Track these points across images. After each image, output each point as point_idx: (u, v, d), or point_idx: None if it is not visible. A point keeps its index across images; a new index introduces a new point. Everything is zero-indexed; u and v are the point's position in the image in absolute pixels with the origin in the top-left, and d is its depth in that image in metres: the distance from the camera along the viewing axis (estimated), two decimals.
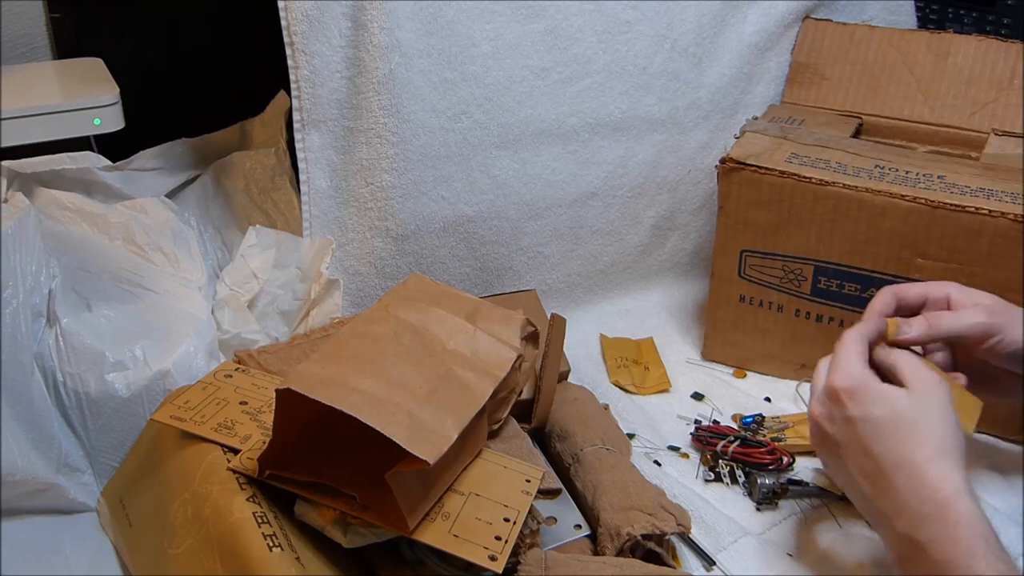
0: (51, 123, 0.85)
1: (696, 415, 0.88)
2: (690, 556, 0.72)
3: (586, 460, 0.75)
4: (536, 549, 0.64)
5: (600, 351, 0.98)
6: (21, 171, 0.89)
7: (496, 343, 0.70)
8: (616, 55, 0.97)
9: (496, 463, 0.67)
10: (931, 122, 1.00)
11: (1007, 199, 0.80)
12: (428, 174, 0.90)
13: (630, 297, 1.07)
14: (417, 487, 0.59)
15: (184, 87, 1.13)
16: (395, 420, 0.58)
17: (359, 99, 0.88)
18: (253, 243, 0.91)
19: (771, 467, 0.79)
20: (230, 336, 0.85)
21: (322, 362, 0.62)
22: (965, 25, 1.12)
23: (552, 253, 1.00)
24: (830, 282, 0.88)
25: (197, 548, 0.61)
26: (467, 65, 0.90)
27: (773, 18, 1.05)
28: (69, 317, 0.76)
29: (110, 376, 0.75)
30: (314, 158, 0.90)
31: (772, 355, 0.94)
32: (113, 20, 1.07)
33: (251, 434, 0.67)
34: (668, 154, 1.03)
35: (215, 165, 1.07)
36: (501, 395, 0.72)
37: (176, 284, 0.86)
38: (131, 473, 0.75)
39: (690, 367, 0.97)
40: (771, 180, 0.87)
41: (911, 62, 1.02)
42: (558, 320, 0.78)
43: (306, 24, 0.85)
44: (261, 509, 0.61)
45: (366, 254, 0.91)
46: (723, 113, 1.05)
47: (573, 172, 0.98)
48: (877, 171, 0.86)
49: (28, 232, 0.74)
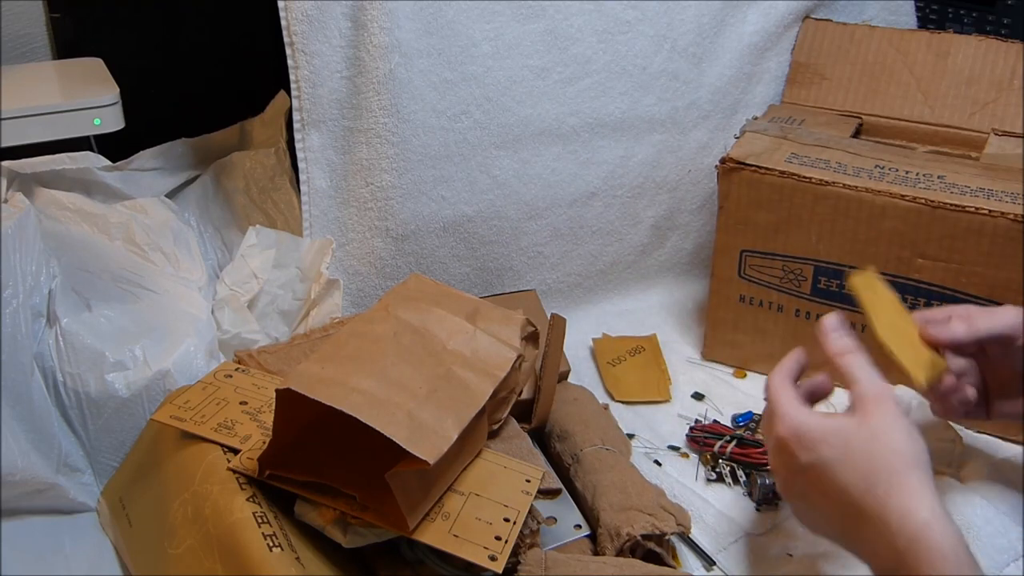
0: (51, 123, 0.85)
1: (696, 415, 0.88)
2: (690, 556, 0.72)
3: (586, 460, 0.75)
4: (536, 549, 0.64)
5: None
6: (21, 171, 0.89)
7: (496, 343, 0.70)
8: (616, 55, 0.97)
9: (496, 463, 0.67)
10: (931, 122, 1.00)
11: (1007, 199, 0.80)
12: (428, 174, 0.91)
13: (630, 297, 1.07)
14: (417, 487, 0.59)
15: (184, 87, 1.13)
16: (395, 420, 0.58)
17: (359, 99, 0.88)
18: (253, 243, 0.91)
19: (769, 467, 0.79)
20: (230, 336, 0.85)
21: (322, 362, 0.62)
22: (965, 25, 1.12)
23: (552, 253, 1.00)
24: (830, 282, 0.88)
25: (197, 548, 0.61)
26: (467, 65, 0.90)
27: (773, 18, 1.05)
28: (69, 317, 0.76)
29: (110, 376, 0.75)
30: (314, 158, 0.90)
31: (772, 355, 0.94)
32: (113, 20, 1.07)
33: (251, 434, 0.67)
34: (668, 154, 1.03)
35: (215, 165, 1.07)
36: (501, 395, 0.72)
37: (176, 284, 0.86)
38: (131, 473, 0.75)
39: (690, 367, 0.97)
40: (771, 180, 0.87)
41: (911, 62, 1.02)
42: (558, 320, 0.78)
43: (306, 24, 0.85)
44: (261, 509, 0.61)
45: (366, 254, 0.92)
46: (723, 113, 1.05)
47: (573, 172, 0.98)
48: (877, 171, 0.86)
49: (28, 232, 0.74)
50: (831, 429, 0.59)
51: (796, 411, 0.61)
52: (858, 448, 0.57)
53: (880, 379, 0.61)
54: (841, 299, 0.88)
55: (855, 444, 0.58)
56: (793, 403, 0.61)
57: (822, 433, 0.59)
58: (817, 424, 0.59)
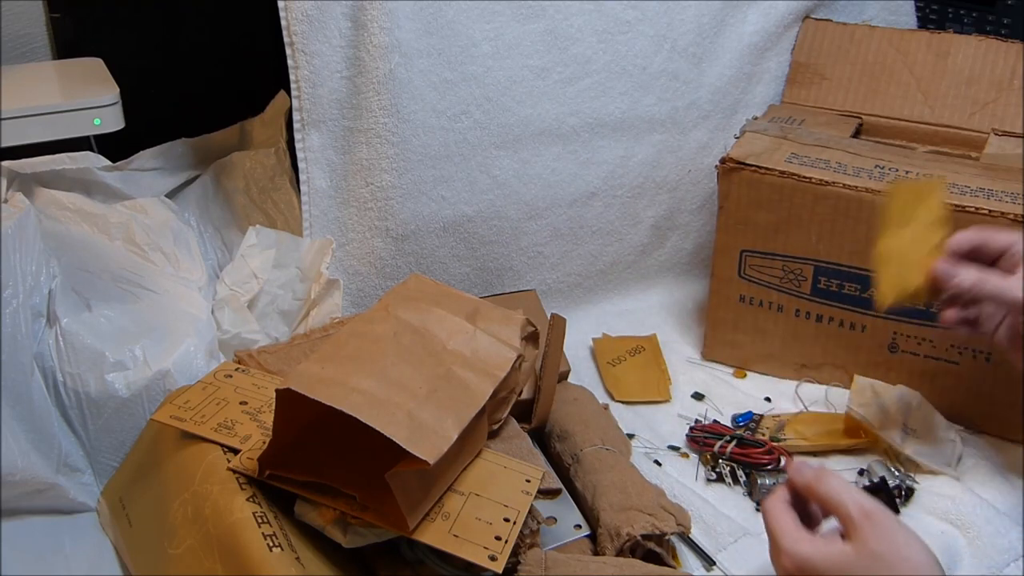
0: (51, 123, 0.85)
1: (696, 415, 0.88)
2: (690, 556, 0.72)
3: (586, 460, 0.75)
4: (536, 549, 0.64)
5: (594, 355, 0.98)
6: (21, 171, 0.89)
7: (496, 343, 0.70)
8: (616, 55, 0.97)
9: (496, 463, 0.67)
10: (931, 122, 1.00)
11: (1007, 199, 0.80)
12: (428, 174, 0.91)
13: (630, 297, 1.07)
14: (417, 487, 0.59)
15: (184, 87, 1.13)
16: (395, 420, 0.58)
17: (359, 99, 0.88)
18: (253, 243, 0.91)
19: (769, 467, 0.79)
20: (230, 336, 0.85)
21: (322, 362, 0.62)
22: (965, 25, 1.12)
23: (552, 253, 1.00)
24: (830, 282, 0.88)
25: (197, 548, 0.61)
26: (467, 65, 0.90)
27: (773, 18, 1.05)
28: (69, 317, 0.76)
29: (110, 376, 0.75)
30: (314, 158, 0.90)
31: (772, 355, 0.94)
32: (113, 20, 1.07)
33: (251, 434, 0.67)
34: (668, 154, 1.03)
35: (215, 165, 1.07)
36: (501, 395, 0.72)
37: (176, 284, 0.86)
38: (131, 473, 0.75)
39: (690, 367, 0.97)
40: (771, 180, 0.87)
41: (911, 62, 1.02)
42: (558, 320, 0.78)
43: (306, 24, 0.85)
44: (261, 509, 0.61)
45: (366, 254, 0.92)
46: (723, 113, 1.05)
47: (573, 172, 0.98)
48: (877, 171, 0.86)
49: (28, 232, 0.74)
50: (832, 560, 0.58)
51: (795, 542, 0.59)
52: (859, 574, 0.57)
53: (862, 495, 0.59)
54: (841, 299, 0.88)
55: (858, 573, 0.57)
56: (791, 533, 0.60)
57: (824, 565, 0.58)
58: (817, 554, 0.58)
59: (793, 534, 0.60)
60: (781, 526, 0.60)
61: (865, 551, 0.57)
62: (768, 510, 0.62)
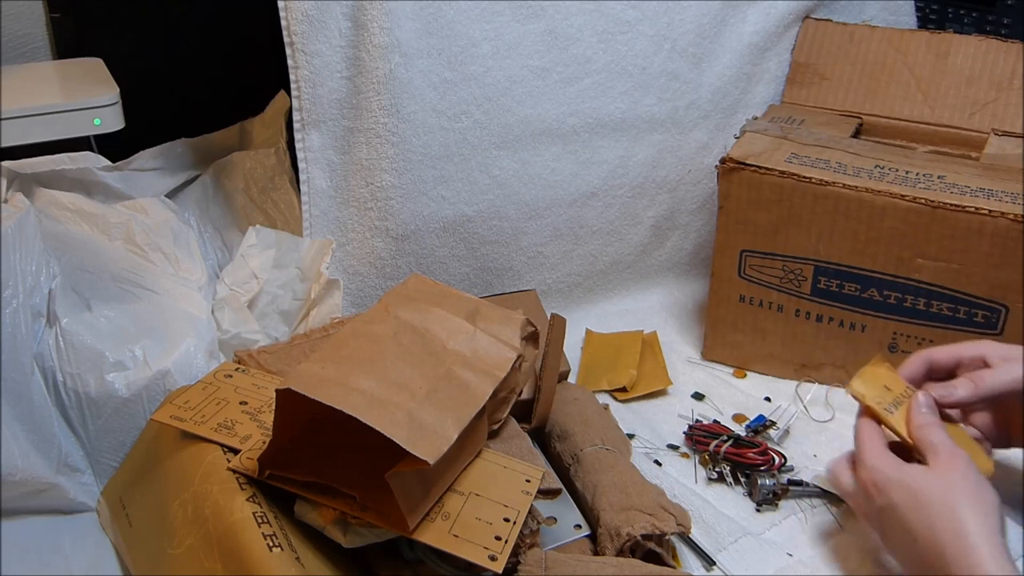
0: (51, 123, 0.85)
1: (697, 415, 0.88)
2: (690, 556, 0.72)
3: (586, 460, 0.75)
4: (536, 549, 0.64)
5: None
6: (21, 171, 0.89)
7: (496, 343, 0.70)
8: (616, 55, 0.97)
9: (496, 463, 0.67)
10: (931, 122, 1.00)
11: (1007, 199, 0.80)
12: (428, 174, 0.91)
13: (630, 297, 1.07)
14: (417, 487, 0.59)
15: (184, 87, 1.13)
16: (395, 420, 0.58)
17: (359, 99, 0.88)
18: (253, 243, 0.91)
19: (762, 468, 0.79)
20: (230, 336, 0.85)
21: (322, 362, 0.62)
22: (965, 25, 1.12)
23: (552, 253, 1.00)
24: (830, 282, 0.88)
25: (197, 548, 0.61)
26: (467, 65, 0.90)
27: (773, 18, 1.05)
28: (69, 317, 0.76)
29: (110, 376, 0.75)
30: (314, 158, 0.90)
31: (772, 355, 0.94)
32: (113, 20, 1.07)
33: (251, 434, 0.67)
34: (668, 154, 1.03)
35: (215, 165, 1.07)
36: (501, 395, 0.72)
37: (176, 284, 0.86)
38: (131, 473, 0.75)
39: (690, 367, 0.97)
40: (771, 180, 0.87)
41: (911, 62, 1.02)
42: (558, 320, 0.78)
43: (306, 24, 0.85)
44: (261, 509, 0.61)
45: (366, 254, 0.92)
46: (723, 113, 1.05)
47: (573, 172, 0.98)
48: (877, 171, 0.86)
49: (28, 232, 0.74)
50: (905, 477, 0.63)
51: (874, 456, 0.65)
52: (929, 499, 0.61)
53: (955, 446, 0.64)
54: (841, 299, 0.88)
55: (927, 493, 0.61)
56: (876, 447, 0.66)
57: (899, 478, 0.63)
58: (894, 472, 0.63)
59: (877, 450, 0.66)
60: (867, 441, 0.66)
61: (940, 477, 0.62)
62: (860, 427, 0.68)
